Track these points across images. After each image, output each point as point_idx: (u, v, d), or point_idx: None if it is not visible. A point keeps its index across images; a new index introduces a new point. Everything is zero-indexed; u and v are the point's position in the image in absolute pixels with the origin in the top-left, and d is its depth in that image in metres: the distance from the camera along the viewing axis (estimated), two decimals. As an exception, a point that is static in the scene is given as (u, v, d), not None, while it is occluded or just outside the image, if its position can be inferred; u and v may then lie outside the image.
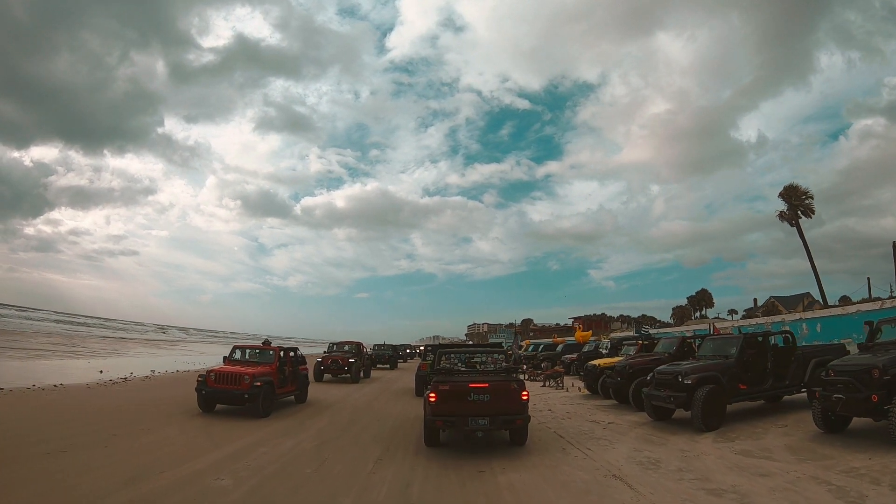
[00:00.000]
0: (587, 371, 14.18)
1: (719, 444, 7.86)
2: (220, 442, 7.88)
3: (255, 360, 11.34)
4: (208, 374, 10.33)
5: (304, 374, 12.74)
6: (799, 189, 33.17)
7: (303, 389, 12.65)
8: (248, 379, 10.01)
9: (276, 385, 10.76)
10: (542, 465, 6.81)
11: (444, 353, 9.17)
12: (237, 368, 10.48)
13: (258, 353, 11.71)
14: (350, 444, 8.18)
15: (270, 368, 10.87)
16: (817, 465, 6.41)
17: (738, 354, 9.51)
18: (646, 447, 7.77)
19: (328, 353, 20.32)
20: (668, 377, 9.19)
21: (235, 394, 9.93)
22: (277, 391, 10.90)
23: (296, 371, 12.16)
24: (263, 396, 10.09)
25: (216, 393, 10.08)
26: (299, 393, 12.50)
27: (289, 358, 11.94)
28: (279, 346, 12.06)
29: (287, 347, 12.60)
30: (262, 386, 10.08)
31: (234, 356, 11.67)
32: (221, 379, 10.18)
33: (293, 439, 8.37)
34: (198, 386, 10.28)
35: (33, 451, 6.77)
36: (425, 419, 7.75)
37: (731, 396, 9.24)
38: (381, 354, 30.32)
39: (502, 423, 7.38)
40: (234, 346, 12.50)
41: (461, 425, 7.31)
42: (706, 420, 8.61)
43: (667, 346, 12.50)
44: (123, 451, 7.18)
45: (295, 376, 12.07)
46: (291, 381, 11.85)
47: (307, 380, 12.99)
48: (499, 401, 7.32)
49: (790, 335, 10.74)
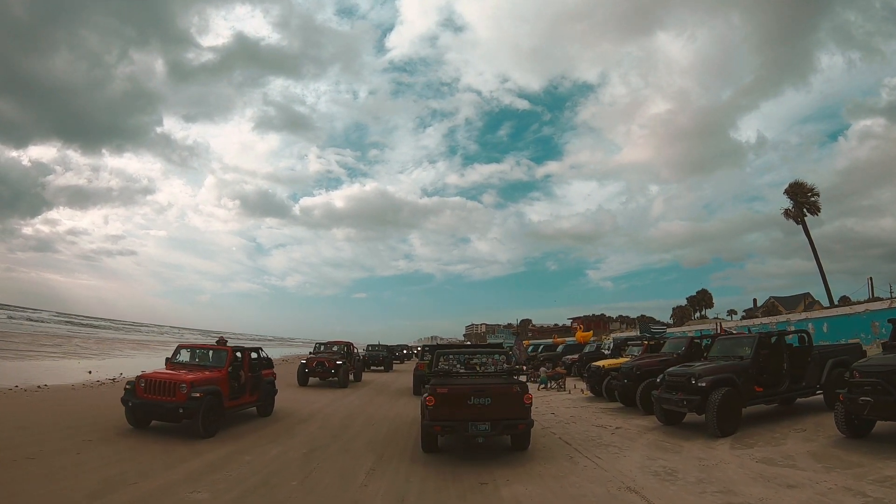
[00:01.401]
0: (591, 372, 13.65)
1: (738, 450, 7.34)
2: (200, 449, 7.32)
3: (201, 364, 9.35)
4: (138, 379, 8.33)
5: (268, 381, 10.59)
6: (805, 186, 32.82)
7: (267, 399, 10.53)
8: (185, 388, 7.96)
9: (225, 395, 8.69)
10: (548, 476, 6.27)
11: (442, 354, 8.78)
12: (173, 374, 8.43)
13: (207, 354, 9.62)
14: (340, 452, 7.62)
15: (219, 374, 8.83)
16: (847, 475, 5.94)
17: (753, 355, 9.00)
18: (659, 455, 7.23)
19: (314, 355, 18.71)
20: (681, 379, 8.67)
21: (167, 407, 7.90)
22: (229, 403, 8.89)
23: (257, 377, 10.09)
24: (205, 411, 8.06)
25: (146, 405, 8.09)
26: (262, 404, 10.39)
27: (247, 360, 9.88)
28: (235, 346, 10.05)
29: (246, 348, 10.43)
30: (202, 398, 8.02)
31: (179, 358, 9.55)
32: (152, 387, 8.13)
33: (280, 446, 7.81)
34: (125, 395, 8.27)
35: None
36: (422, 424, 7.31)
37: (747, 399, 8.73)
38: (374, 355, 28.51)
39: (504, 428, 6.92)
40: (180, 344, 10.33)
41: (461, 430, 6.87)
42: (721, 425, 8.09)
43: (675, 347, 11.97)
44: (96, 458, 6.63)
45: (256, 383, 10.01)
46: (251, 390, 9.83)
47: (273, 387, 10.82)
48: (500, 405, 6.91)
49: (806, 334, 10.22)
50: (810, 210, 32.44)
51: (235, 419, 9.56)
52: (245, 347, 10.39)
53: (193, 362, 9.46)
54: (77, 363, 22.16)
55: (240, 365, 9.59)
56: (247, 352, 10.12)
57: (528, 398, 7.04)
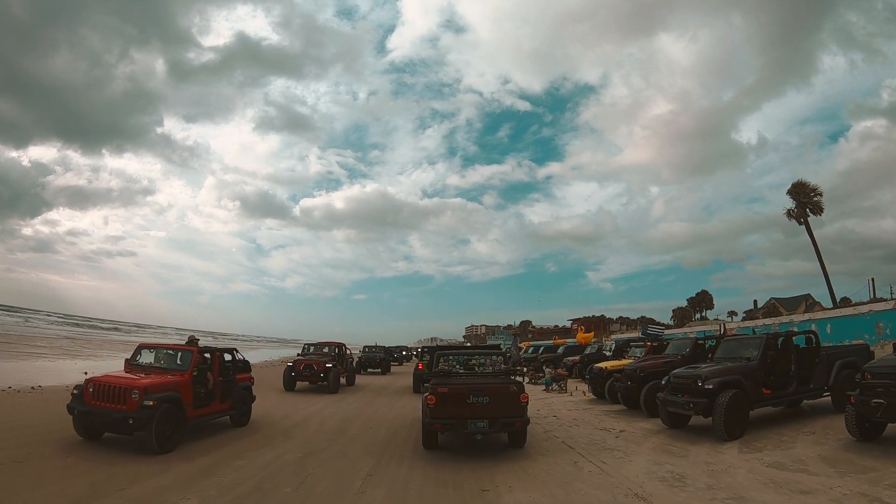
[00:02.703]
0: (593, 374, 13.42)
1: (746, 454, 7.13)
2: (191, 453, 7.09)
3: (163, 366, 8.23)
4: (86, 383, 7.21)
5: (243, 387, 9.43)
6: (808, 186, 32.50)
7: (241, 407, 9.31)
8: (137, 394, 6.83)
9: (187, 403, 7.63)
10: (552, 483, 6.03)
11: (442, 355, 9.04)
12: (125, 378, 7.28)
13: (171, 355, 8.51)
14: (337, 456, 7.39)
15: (180, 378, 7.75)
16: (861, 479, 5.75)
17: (760, 356, 8.79)
18: (666, 459, 7.01)
19: (302, 356, 16.97)
20: (687, 381, 8.45)
21: (115, 417, 6.78)
22: (193, 412, 7.83)
23: (230, 382, 8.98)
24: (160, 422, 6.91)
25: (93, 414, 6.98)
26: (236, 412, 9.18)
27: (217, 363, 8.79)
28: (204, 347, 9.01)
29: (218, 348, 9.36)
30: (156, 406, 6.87)
31: (139, 359, 8.43)
32: (101, 393, 7.00)
33: (274, 450, 7.58)
34: (71, 402, 7.23)
35: (-17, 463, 6.00)
36: (423, 422, 7.53)
37: (755, 402, 8.52)
38: (370, 357, 26.72)
39: (502, 425, 7.23)
40: (141, 344, 9.01)
41: (460, 428, 7.14)
42: (729, 428, 7.88)
43: (679, 348, 11.74)
44: (86, 461, 6.44)
45: (228, 389, 8.90)
46: (222, 397, 8.69)
47: (249, 394, 9.66)
48: (498, 403, 7.19)
49: (813, 335, 10.00)
50: (813, 210, 32.19)
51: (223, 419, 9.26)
52: (216, 348, 9.31)
53: (156, 364, 8.35)
54: (73, 364, 21.94)
55: (207, 368, 8.56)
56: (217, 353, 9.02)
57: (525, 397, 7.29)
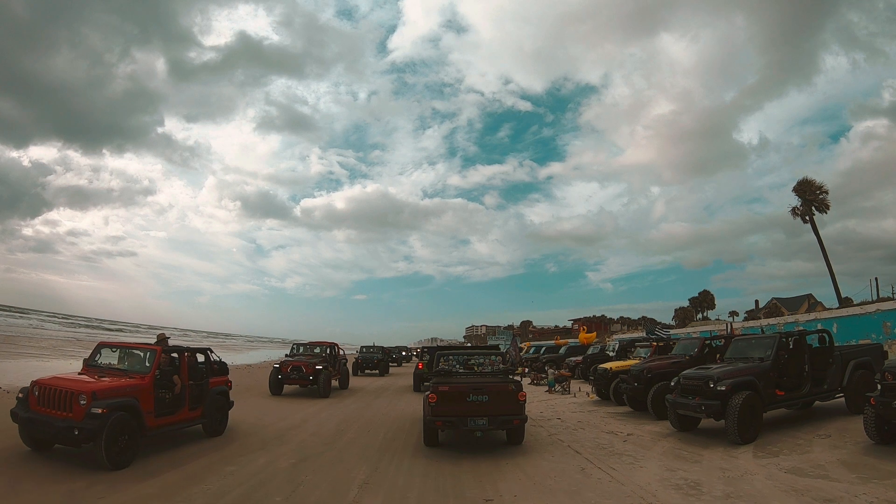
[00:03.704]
0: (598, 375, 13.08)
1: (762, 459, 6.80)
2: (179, 459, 6.74)
3: (123, 368, 7.32)
4: (32, 386, 6.36)
5: (218, 392, 8.41)
6: (813, 184, 32.08)
7: (215, 415, 8.25)
8: (85, 400, 5.93)
9: (147, 411, 6.67)
10: (559, 491, 5.68)
11: (442, 355, 9.22)
12: (72, 381, 6.38)
13: (133, 355, 7.59)
14: (333, 462, 7.04)
15: (140, 382, 6.75)
16: (887, 486, 5.45)
17: (773, 357, 8.45)
18: (678, 465, 6.67)
19: (290, 357, 15.56)
20: (698, 383, 8.11)
21: (59, 426, 5.89)
22: (154, 421, 6.84)
23: (201, 387, 7.97)
24: (111, 432, 5.95)
25: (38, 422, 6.11)
26: (209, 420, 8.11)
27: (185, 365, 7.76)
28: (171, 346, 8.16)
29: (187, 348, 8.36)
30: (106, 414, 5.93)
31: (98, 359, 7.46)
32: (46, 398, 6.16)
33: (268, 455, 7.24)
34: (16, 406, 6.42)
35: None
36: (425, 420, 7.75)
37: (768, 403, 8.19)
38: (367, 358, 25.35)
39: (501, 423, 7.48)
40: (101, 342, 8.00)
41: (460, 425, 7.38)
42: (743, 431, 7.54)
43: (686, 348, 11.40)
44: (65, 466, 6.09)
45: (199, 395, 7.90)
46: (192, 403, 7.71)
47: (225, 400, 8.64)
48: (497, 401, 7.42)
49: (827, 334, 9.66)
50: (819, 208, 31.79)
51: None
52: (185, 347, 8.38)
53: (116, 365, 7.41)
54: (69, 364, 21.59)
55: (173, 370, 7.59)
56: (186, 353, 8.03)
57: (523, 396, 7.57)
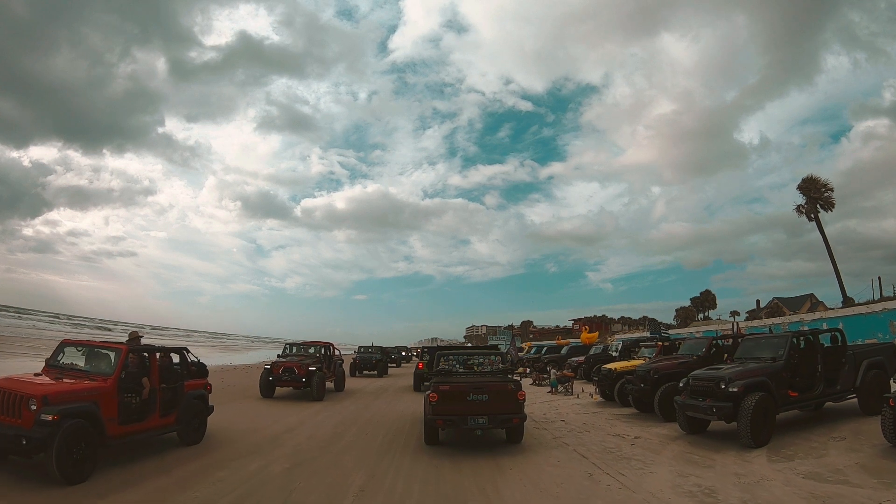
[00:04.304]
0: (602, 376, 12.77)
1: (777, 463, 6.49)
2: (168, 464, 6.43)
3: (83, 368, 6.56)
4: None
5: (195, 396, 7.62)
6: (818, 181, 31.60)
7: (191, 421, 7.46)
8: (35, 405, 5.30)
9: (109, 417, 5.97)
10: (567, 499, 5.37)
11: (442, 355, 9.29)
12: (23, 383, 5.73)
13: (97, 354, 6.78)
14: (329, 467, 6.73)
15: (102, 385, 6.07)
16: (912, 493, 5.10)
17: (786, 356, 8.15)
18: (691, 470, 6.35)
19: (282, 358, 14.58)
20: (708, 384, 7.81)
21: (7, 434, 5.29)
22: (118, 429, 6.14)
23: (175, 390, 7.29)
24: (64, 442, 5.30)
25: None
26: (184, 428, 7.34)
27: (155, 366, 7.02)
28: (142, 346, 7.40)
29: (159, 347, 7.68)
30: (58, 421, 5.29)
31: (60, 359, 6.71)
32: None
33: (261, 459, 6.92)
34: None
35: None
36: (426, 419, 7.87)
37: (781, 405, 7.88)
38: (365, 359, 24.63)
39: (500, 422, 7.59)
40: (65, 339, 7.24)
41: (461, 424, 7.50)
42: (755, 434, 7.23)
43: (693, 348, 11.09)
44: (43, 473, 5.76)
45: (172, 399, 7.20)
46: (163, 408, 6.99)
47: (203, 405, 7.82)
48: (497, 401, 7.53)
49: (839, 333, 9.36)
50: (824, 206, 31.35)
51: (218, 429, 8.39)
52: (156, 347, 7.59)
53: (79, 366, 6.64)
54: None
55: (140, 373, 6.82)
56: (157, 353, 7.26)
57: (522, 395, 7.70)
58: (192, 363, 7.93)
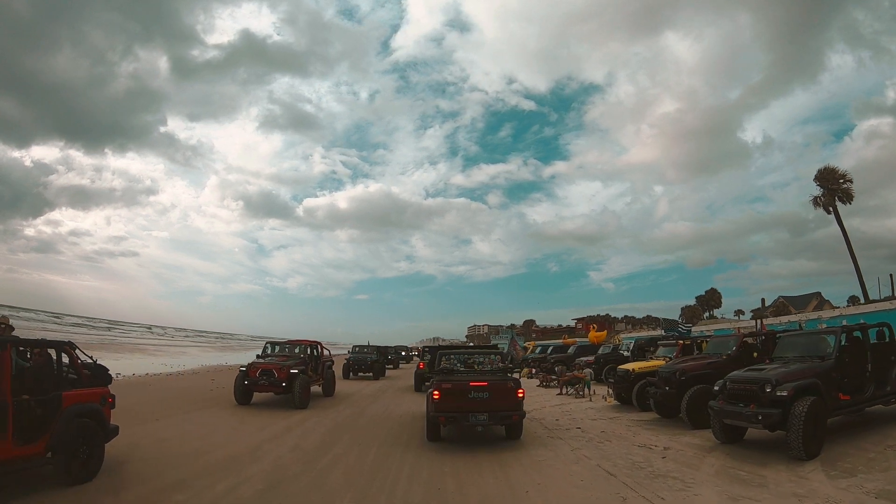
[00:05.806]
0: (618, 377, 11.74)
1: (838, 480, 5.50)
2: (116, 484, 5.43)
3: None
4: None
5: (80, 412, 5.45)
6: (836, 172, 30.33)
7: (77, 447, 5.35)
8: None
9: None
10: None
11: (444, 355, 9.43)
12: None
13: None
14: (311, 488, 5.72)
15: None
16: None
17: (836, 355, 7.14)
18: (741, 491, 5.33)
19: (261, 359, 12.71)
20: (751, 387, 6.80)
21: None
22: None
23: (52, 401, 5.23)
24: None
25: None
26: (62, 458, 5.16)
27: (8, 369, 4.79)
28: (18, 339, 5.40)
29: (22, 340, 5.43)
30: None
31: None
32: None
33: (231, 478, 5.90)
34: None
35: None
36: (428, 415, 8.13)
37: (832, 410, 6.87)
38: (360, 360, 22.40)
39: (500, 418, 7.82)
40: None
41: (462, 421, 7.71)
42: (807, 444, 6.22)
43: (721, 347, 10.03)
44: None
45: (47, 416, 5.14)
46: (35, 429, 5.01)
47: (101, 425, 5.74)
48: (497, 398, 7.76)
49: (888, 328, 8.33)
50: (842, 198, 30.00)
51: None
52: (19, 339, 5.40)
53: None
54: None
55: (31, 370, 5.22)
56: (22, 348, 5.43)
57: (521, 392, 7.94)
58: (83, 365, 5.91)
